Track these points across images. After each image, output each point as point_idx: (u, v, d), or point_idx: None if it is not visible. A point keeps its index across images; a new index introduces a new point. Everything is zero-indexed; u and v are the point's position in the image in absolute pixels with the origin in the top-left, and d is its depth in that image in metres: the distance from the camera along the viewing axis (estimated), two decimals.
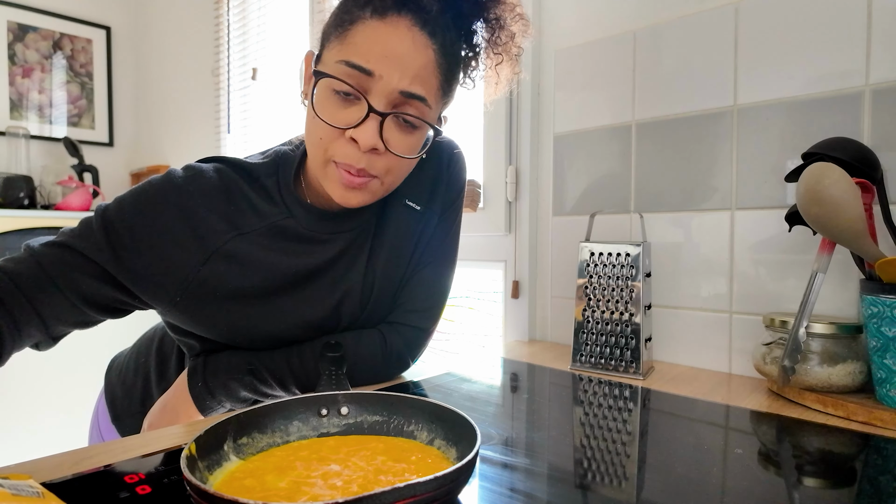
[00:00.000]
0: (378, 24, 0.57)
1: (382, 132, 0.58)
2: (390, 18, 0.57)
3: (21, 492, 0.33)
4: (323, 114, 0.59)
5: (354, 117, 0.58)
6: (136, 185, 0.63)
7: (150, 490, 0.41)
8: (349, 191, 0.61)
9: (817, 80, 0.76)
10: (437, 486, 0.34)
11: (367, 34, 0.57)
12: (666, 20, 0.91)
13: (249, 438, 0.45)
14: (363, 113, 0.57)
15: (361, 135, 0.57)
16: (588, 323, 0.85)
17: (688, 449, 0.53)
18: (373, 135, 0.58)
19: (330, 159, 0.61)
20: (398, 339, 0.74)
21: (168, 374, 0.76)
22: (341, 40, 0.58)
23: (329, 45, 0.60)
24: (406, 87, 0.58)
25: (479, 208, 1.21)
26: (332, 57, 0.58)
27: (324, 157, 0.61)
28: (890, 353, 0.60)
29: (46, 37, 2.31)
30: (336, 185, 0.61)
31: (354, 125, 0.58)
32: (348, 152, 0.59)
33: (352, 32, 0.57)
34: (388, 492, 0.32)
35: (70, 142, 2.22)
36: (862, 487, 0.46)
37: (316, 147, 0.61)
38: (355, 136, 0.58)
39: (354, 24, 0.57)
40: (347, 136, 0.59)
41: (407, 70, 0.57)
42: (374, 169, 0.61)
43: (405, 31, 0.57)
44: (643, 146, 0.94)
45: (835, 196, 0.59)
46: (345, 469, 0.41)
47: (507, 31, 0.64)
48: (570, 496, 0.44)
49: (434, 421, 0.48)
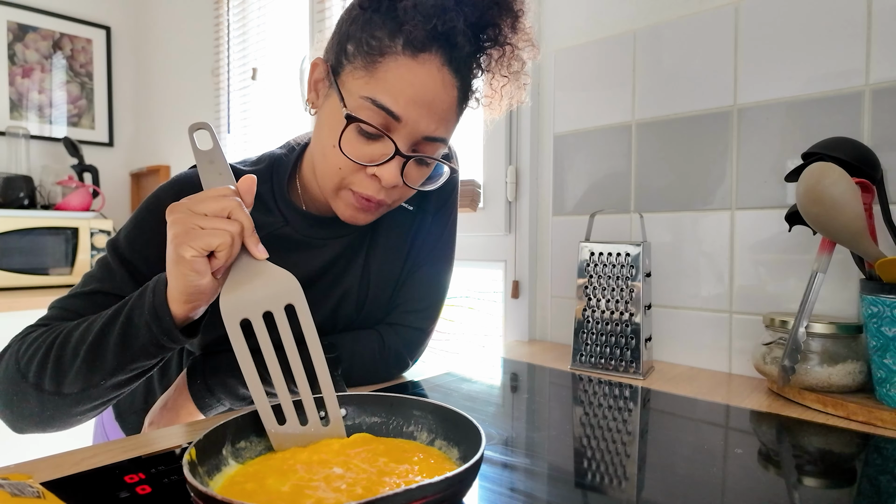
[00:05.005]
0: (411, 63, 0.56)
1: (403, 171, 0.60)
2: (423, 57, 0.56)
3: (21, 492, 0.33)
4: (346, 148, 0.59)
5: (378, 154, 0.59)
6: (134, 211, 0.65)
7: (150, 490, 0.41)
8: (360, 212, 0.63)
9: (817, 80, 0.76)
10: (447, 486, 0.34)
11: (399, 74, 0.56)
12: (666, 20, 0.91)
13: (247, 442, 0.45)
14: (387, 151, 0.58)
15: (385, 174, 0.59)
16: (588, 323, 0.85)
17: (688, 449, 0.53)
18: (396, 175, 0.59)
19: (346, 187, 0.62)
20: (396, 339, 0.74)
21: (170, 371, 0.76)
22: (370, 73, 0.57)
23: (354, 71, 0.59)
24: (431, 132, 0.59)
25: (479, 208, 1.21)
26: (359, 89, 0.58)
27: (340, 184, 0.62)
28: (890, 352, 0.60)
29: (46, 37, 2.31)
30: (347, 208, 0.63)
31: (378, 163, 0.59)
32: (369, 186, 0.61)
33: (382, 68, 0.56)
34: (401, 493, 0.32)
35: (70, 142, 2.21)
36: (862, 487, 0.46)
37: (332, 174, 0.61)
38: (378, 173, 0.59)
39: (385, 58, 0.56)
40: (369, 172, 0.60)
41: (434, 116, 0.58)
42: (389, 198, 0.63)
43: (436, 73, 0.57)
44: (643, 146, 0.94)
45: (835, 196, 0.59)
46: (347, 471, 0.41)
47: (519, 60, 0.64)
48: (570, 496, 0.44)
49: (435, 421, 0.48)
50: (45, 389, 0.53)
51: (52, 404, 0.54)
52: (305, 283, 0.67)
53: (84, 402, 0.55)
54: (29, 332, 0.59)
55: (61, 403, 0.54)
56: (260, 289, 0.47)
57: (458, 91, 0.60)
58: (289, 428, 0.46)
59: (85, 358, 0.52)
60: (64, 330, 0.55)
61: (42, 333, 0.57)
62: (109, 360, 0.52)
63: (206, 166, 0.52)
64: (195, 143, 0.52)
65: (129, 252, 0.62)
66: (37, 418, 0.55)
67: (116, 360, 0.52)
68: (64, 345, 0.54)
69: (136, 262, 0.62)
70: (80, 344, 0.53)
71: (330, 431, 0.47)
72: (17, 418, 0.56)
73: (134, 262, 0.62)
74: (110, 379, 0.53)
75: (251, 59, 1.96)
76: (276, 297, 0.47)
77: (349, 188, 0.62)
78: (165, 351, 0.54)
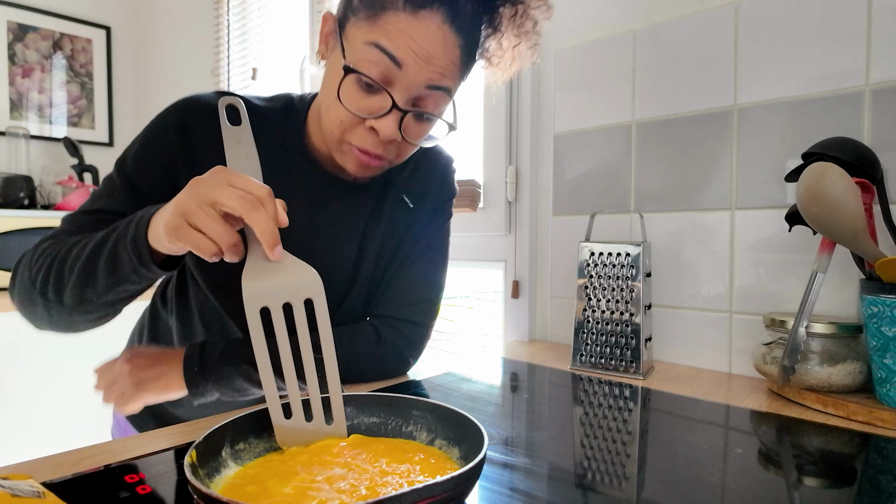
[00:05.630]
0: (410, 19, 0.56)
1: (402, 125, 0.60)
2: (423, 14, 0.56)
3: (21, 492, 0.33)
4: (345, 100, 0.59)
5: (377, 107, 0.59)
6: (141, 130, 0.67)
7: (150, 490, 0.41)
8: (363, 168, 0.64)
9: (817, 80, 0.76)
10: (454, 485, 0.34)
11: (398, 27, 0.56)
12: (666, 20, 0.91)
13: (246, 444, 0.45)
14: (385, 104, 0.58)
15: (383, 127, 0.59)
16: (588, 323, 0.85)
17: (688, 449, 0.53)
18: (394, 129, 0.59)
19: (347, 141, 0.62)
20: (392, 333, 0.74)
21: None
22: (371, 21, 0.57)
23: (356, 21, 0.58)
24: (434, 81, 0.58)
25: (479, 208, 1.21)
26: (361, 36, 0.58)
27: (341, 137, 0.62)
28: (890, 352, 0.60)
29: (46, 37, 2.31)
30: (350, 162, 0.64)
31: (376, 116, 0.59)
32: (367, 139, 0.61)
33: (383, 19, 0.56)
34: (408, 493, 0.32)
35: (70, 142, 2.21)
36: (862, 487, 0.46)
37: (334, 126, 0.62)
38: (376, 126, 0.59)
39: (386, 12, 0.56)
40: (368, 125, 0.60)
41: (434, 68, 0.58)
42: (388, 154, 0.63)
43: (436, 31, 0.56)
44: (643, 146, 0.94)
45: (835, 195, 0.59)
46: (349, 472, 0.41)
47: (531, 19, 0.64)
48: (570, 496, 0.44)
49: (435, 421, 0.48)
50: (49, 298, 0.58)
51: (56, 312, 0.59)
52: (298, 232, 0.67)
53: (82, 313, 0.60)
54: (40, 244, 0.63)
55: (63, 312, 0.59)
56: (283, 279, 0.47)
57: (460, 49, 0.59)
58: (294, 423, 0.46)
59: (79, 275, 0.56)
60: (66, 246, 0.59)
61: (50, 246, 0.61)
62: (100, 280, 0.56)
63: (233, 145, 0.51)
64: (224, 117, 0.52)
65: (132, 171, 0.65)
66: (47, 322, 0.61)
67: (105, 283, 0.56)
68: (63, 260, 0.58)
69: (139, 181, 0.64)
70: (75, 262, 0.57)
71: (332, 431, 0.47)
72: (33, 320, 0.63)
73: (137, 181, 0.64)
74: (102, 297, 0.58)
75: (251, 59, 1.96)
76: (298, 289, 0.47)
77: (350, 142, 0.62)
78: (149, 279, 0.57)
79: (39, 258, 0.60)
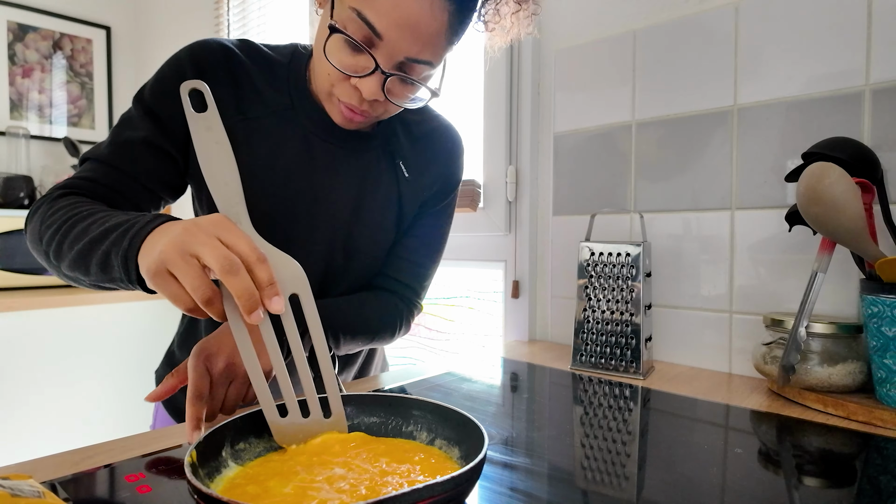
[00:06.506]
0: None
1: (385, 85, 0.59)
2: None
3: (21, 492, 0.33)
4: (331, 56, 0.59)
5: (361, 66, 0.59)
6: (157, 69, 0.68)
7: (150, 490, 0.41)
8: (347, 121, 0.64)
9: (817, 80, 0.76)
10: (454, 485, 0.34)
11: None
12: (666, 20, 0.91)
13: (246, 444, 0.45)
14: (369, 65, 0.58)
15: (365, 87, 0.59)
16: (588, 323, 0.85)
17: (688, 449, 0.53)
18: (376, 90, 0.59)
19: (333, 94, 0.63)
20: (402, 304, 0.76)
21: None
22: None
23: None
24: (414, 55, 0.58)
25: (479, 208, 1.21)
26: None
27: (329, 90, 0.63)
28: (890, 352, 0.60)
29: (46, 37, 2.31)
30: (336, 115, 0.65)
31: (360, 75, 0.59)
32: (353, 96, 0.61)
33: None
34: (408, 493, 0.32)
35: (70, 142, 2.21)
36: (862, 487, 0.46)
37: (323, 79, 0.62)
38: (359, 86, 0.59)
39: None
40: (353, 83, 0.60)
41: (418, 39, 0.57)
42: (374, 110, 0.63)
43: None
44: (643, 146, 0.94)
45: (835, 195, 0.59)
46: (349, 472, 0.41)
47: None
48: (570, 496, 0.44)
49: (435, 421, 0.48)
50: (52, 262, 0.59)
51: (59, 272, 0.60)
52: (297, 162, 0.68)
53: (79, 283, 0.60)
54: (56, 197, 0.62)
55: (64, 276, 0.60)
56: None
57: (450, 15, 0.57)
58: (290, 419, 0.46)
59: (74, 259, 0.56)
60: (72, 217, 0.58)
61: (62, 207, 0.60)
62: (92, 271, 0.55)
63: (202, 133, 0.48)
64: (189, 105, 0.48)
65: (151, 101, 0.65)
66: (55, 273, 0.62)
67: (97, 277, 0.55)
68: (67, 234, 0.57)
69: (159, 110, 0.65)
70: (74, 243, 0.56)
71: (332, 425, 0.47)
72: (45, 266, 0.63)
73: (157, 110, 0.65)
74: (96, 284, 0.58)
75: None
76: (282, 284, 0.46)
77: (336, 96, 0.62)
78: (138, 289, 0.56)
79: (50, 217, 0.59)
